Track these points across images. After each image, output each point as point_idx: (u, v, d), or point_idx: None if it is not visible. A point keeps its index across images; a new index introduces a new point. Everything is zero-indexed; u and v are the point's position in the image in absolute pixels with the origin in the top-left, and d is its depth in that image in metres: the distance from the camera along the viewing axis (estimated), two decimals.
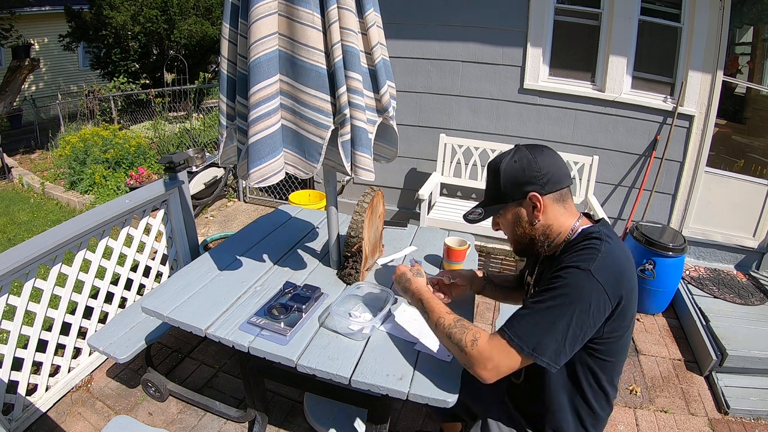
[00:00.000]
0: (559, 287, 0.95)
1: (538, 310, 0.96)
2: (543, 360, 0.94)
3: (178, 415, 1.97)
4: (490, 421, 1.23)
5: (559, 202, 1.07)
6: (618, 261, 0.98)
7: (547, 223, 1.07)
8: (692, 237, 3.19)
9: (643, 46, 3.04)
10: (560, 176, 1.06)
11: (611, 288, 0.94)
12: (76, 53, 11.32)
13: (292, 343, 1.25)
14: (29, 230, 4.10)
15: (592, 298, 0.93)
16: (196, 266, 1.63)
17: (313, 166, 1.31)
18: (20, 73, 6.72)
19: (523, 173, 1.05)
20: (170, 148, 5.57)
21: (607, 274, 0.95)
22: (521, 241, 1.12)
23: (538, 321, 0.95)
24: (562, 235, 1.07)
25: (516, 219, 1.10)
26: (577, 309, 0.93)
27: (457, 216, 3.16)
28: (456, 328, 1.05)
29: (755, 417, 2.11)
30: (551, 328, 0.94)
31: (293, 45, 1.24)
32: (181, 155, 2.29)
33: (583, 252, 0.98)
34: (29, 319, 1.86)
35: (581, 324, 0.94)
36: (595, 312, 0.94)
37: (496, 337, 0.99)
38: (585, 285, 0.94)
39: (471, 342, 1.01)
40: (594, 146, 3.22)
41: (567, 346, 0.94)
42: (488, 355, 0.98)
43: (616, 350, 1.04)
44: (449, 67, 3.34)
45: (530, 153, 1.07)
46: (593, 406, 1.09)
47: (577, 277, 0.94)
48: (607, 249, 0.97)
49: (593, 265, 0.94)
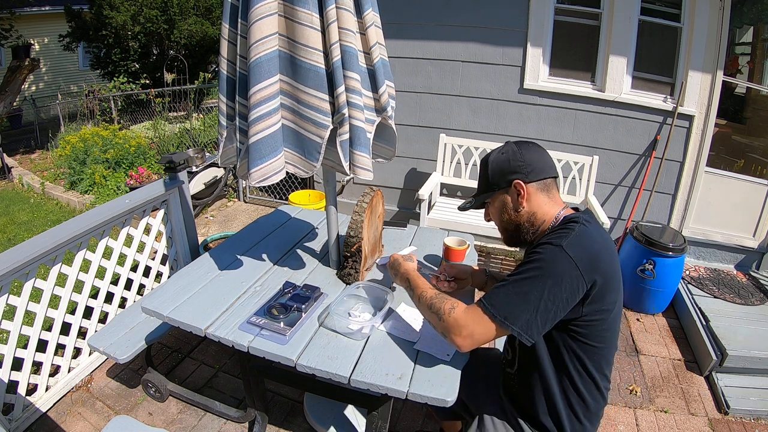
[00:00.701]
0: (533, 261, 1.02)
1: (512, 281, 1.03)
2: (514, 329, 1.00)
3: (178, 415, 1.97)
4: (486, 416, 1.24)
5: (543, 191, 1.14)
6: (592, 242, 1.03)
7: (532, 210, 1.14)
8: (692, 237, 3.19)
9: (643, 46, 3.05)
10: (543, 167, 1.14)
11: (584, 265, 0.99)
12: (76, 53, 11.33)
13: (291, 343, 1.25)
14: (29, 230, 4.10)
15: (564, 272, 0.98)
16: (196, 266, 1.63)
17: (312, 165, 1.31)
18: (20, 73, 6.73)
19: (509, 163, 1.14)
20: (170, 148, 5.57)
21: (579, 250, 1.00)
22: (508, 227, 1.20)
23: (511, 291, 1.01)
24: (546, 223, 1.14)
25: (502, 206, 1.18)
26: (549, 281, 0.98)
27: (457, 216, 3.15)
28: (436, 299, 1.14)
29: (755, 417, 2.11)
30: (523, 299, 0.99)
31: (292, 45, 1.24)
32: (181, 155, 2.29)
33: (558, 232, 1.06)
34: (29, 319, 1.86)
35: (553, 297, 0.98)
36: (567, 287, 0.98)
37: (472, 307, 1.06)
38: (557, 259, 0.99)
39: (449, 310, 1.08)
40: (594, 146, 3.22)
41: (539, 317, 0.99)
42: (463, 323, 1.05)
43: (599, 336, 1.06)
44: (449, 67, 3.34)
45: (516, 146, 1.16)
46: (583, 394, 1.10)
47: (550, 251, 1.01)
48: (581, 230, 1.03)
49: (565, 242, 1.00)
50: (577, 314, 1.02)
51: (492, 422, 1.22)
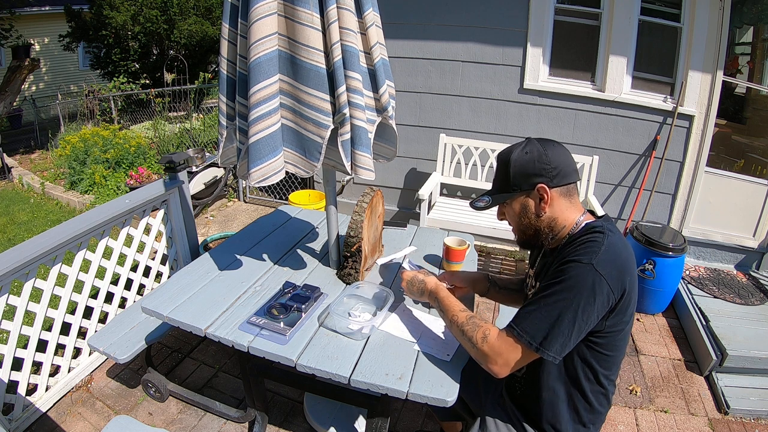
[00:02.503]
0: (562, 281, 0.98)
1: (544, 305, 0.99)
2: (549, 354, 0.98)
3: (178, 415, 1.97)
4: (488, 418, 1.23)
5: (566, 197, 1.09)
6: (620, 254, 0.99)
7: (553, 216, 1.09)
8: (692, 237, 3.19)
9: (643, 46, 3.04)
10: (569, 171, 1.08)
11: (614, 281, 0.96)
12: (76, 53, 11.32)
13: (291, 343, 1.25)
14: (29, 230, 4.10)
15: (596, 292, 0.95)
16: (196, 266, 1.63)
17: (313, 164, 1.31)
18: (20, 73, 6.73)
19: (534, 165, 1.07)
20: (170, 148, 5.57)
21: (610, 267, 0.97)
22: (526, 231, 1.14)
23: (544, 316, 0.98)
24: (566, 229, 1.09)
25: (523, 209, 1.11)
26: (582, 303, 0.95)
27: (457, 216, 3.16)
28: (468, 326, 1.09)
29: (755, 417, 2.11)
30: (557, 323, 0.96)
31: (293, 45, 1.24)
32: (181, 155, 2.29)
33: (585, 245, 1.00)
34: (29, 319, 1.86)
35: (586, 318, 0.97)
36: (599, 305, 0.97)
37: (505, 333, 1.03)
38: (588, 279, 0.95)
39: (481, 339, 1.05)
40: (594, 146, 3.22)
41: (572, 338, 0.98)
42: (498, 351, 1.02)
43: (615, 345, 1.05)
44: (449, 67, 3.34)
45: (541, 146, 1.09)
46: (590, 400, 1.10)
47: (581, 270, 0.96)
48: (608, 242, 0.99)
49: (596, 259, 0.96)
50: (600, 327, 1.01)
51: (495, 424, 1.22)
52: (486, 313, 2.75)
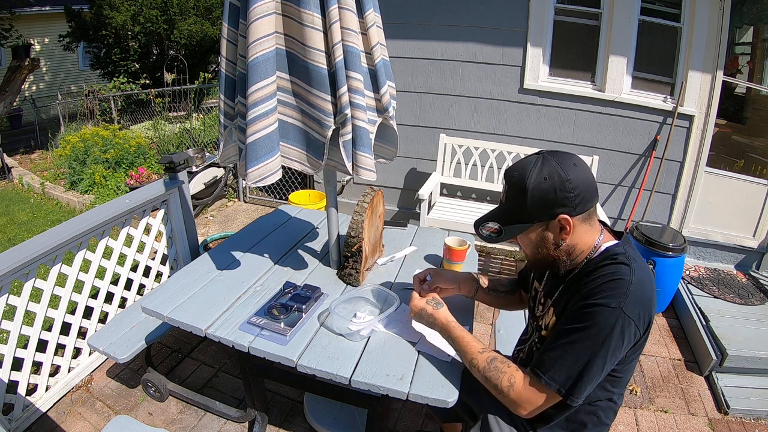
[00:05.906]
0: (590, 327, 0.94)
1: (571, 351, 0.96)
2: (578, 401, 0.97)
3: (178, 415, 1.97)
4: (490, 417, 1.22)
5: (587, 221, 1.02)
6: (646, 290, 0.96)
7: (573, 243, 1.02)
8: (692, 237, 3.19)
9: (643, 46, 3.05)
10: (591, 193, 0.99)
11: (641, 320, 0.95)
12: (76, 53, 11.32)
13: (292, 343, 1.25)
14: (29, 230, 4.10)
15: (624, 335, 0.94)
16: (196, 266, 1.63)
17: (319, 162, 1.31)
18: (20, 73, 6.73)
19: (555, 195, 0.96)
20: (170, 148, 5.57)
21: (638, 308, 0.94)
22: (543, 261, 1.07)
23: (573, 363, 0.95)
24: (584, 254, 1.04)
25: (541, 240, 1.04)
26: (611, 348, 0.94)
27: (457, 216, 3.16)
28: (491, 372, 1.05)
29: (755, 417, 2.11)
30: (586, 370, 0.94)
31: (294, 45, 1.24)
32: (181, 155, 2.29)
33: (611, 285, 0.95)
34: (29, 319, 1.86)
35: (614, 360, 0.97)
36: (626, 344, 0.96)
37: (532, 380, 1.00)
38: (618, 324, 0.93)
39: (507, 387, 1.02)
40: (594, 146, 3.22)
41: (600, 378, 0.98)
42: (526, 399, 1.00)
43: (629, 367, 1.06)
44: (449, 67, 3.34)
45: (561, 169, 0.97)
46: (599, 413, 1.11)
47: (609, 315, 0.93)
48: (636, 280, 0.95)
49: (624, 303, 0.93)
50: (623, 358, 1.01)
51: (497, 423, 1.21)
52: (486, 313, 2.75)
